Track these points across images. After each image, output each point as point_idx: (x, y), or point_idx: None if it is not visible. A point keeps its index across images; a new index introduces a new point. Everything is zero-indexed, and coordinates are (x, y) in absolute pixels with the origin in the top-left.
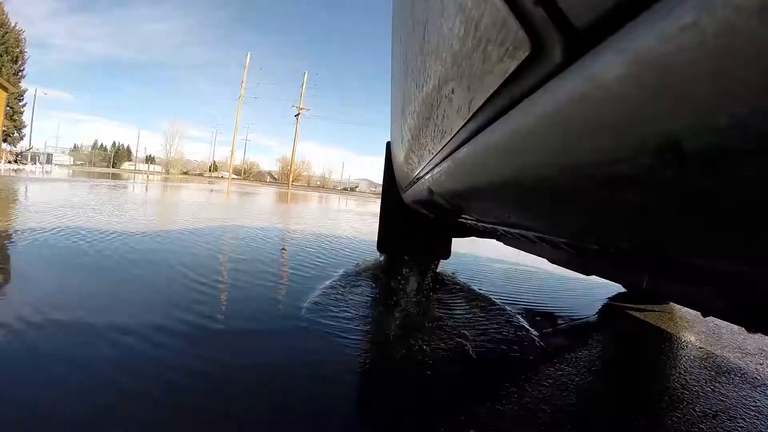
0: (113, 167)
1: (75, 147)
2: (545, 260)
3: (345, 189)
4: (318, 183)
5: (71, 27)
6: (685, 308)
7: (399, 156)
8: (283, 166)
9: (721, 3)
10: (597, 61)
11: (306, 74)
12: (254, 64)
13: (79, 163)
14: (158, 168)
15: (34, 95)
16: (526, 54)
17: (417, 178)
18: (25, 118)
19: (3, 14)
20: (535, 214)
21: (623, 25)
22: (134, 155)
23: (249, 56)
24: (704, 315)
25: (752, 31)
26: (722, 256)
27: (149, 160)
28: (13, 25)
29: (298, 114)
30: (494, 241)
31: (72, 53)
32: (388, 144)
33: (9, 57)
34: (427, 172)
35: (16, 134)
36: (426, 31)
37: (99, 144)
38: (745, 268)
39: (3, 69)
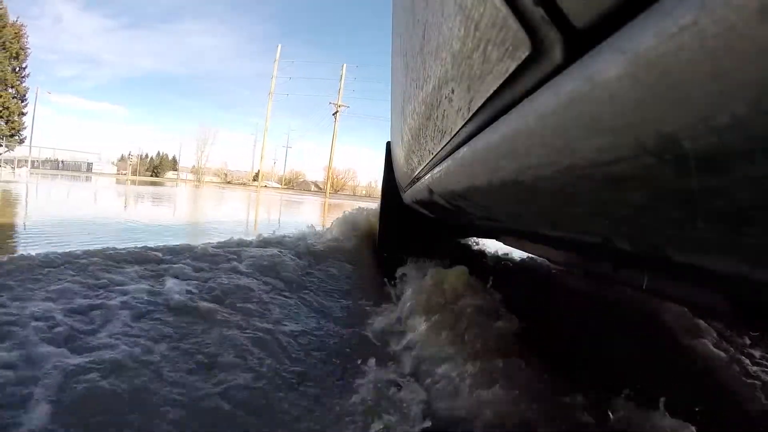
0: (156, 176)
1: (122, 157)
2: None
3: None
4: (364, 192)
5: (121, 43)
6: None
7: (399, 156)
8: (328, 177)
9: (721, 3)
10: (597, 61)
11: (344, 67)
12: (295, 63)
13: (123, 172)
14: (191, 176)
15: (36, 96)
16: (526, 54)
17: (417, 178)
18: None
19: (0, 7)
20: (534, 214)
21: (623, 25)
22: (178, 164)
23: (279, 48)
24: (704, 315)
25: (752, 31)
26: (722, 256)
27: (194, 170)
28: (13, 20)
29: (336, 112)
30: None
31: (123, 68)
32: (388, 144)
33: (7, 53)
34: (427, 172)
35: (16, 137)
36: (426, 30)
37: (144, 154)
38: (745, 268)
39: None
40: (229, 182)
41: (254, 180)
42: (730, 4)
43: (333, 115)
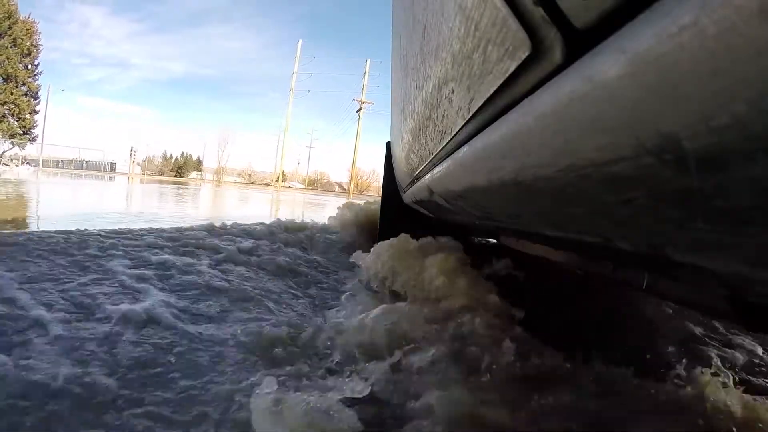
0: (180, 176)
1: (146, 158)
2: None
3: None
4: None
5: (149, 47)
6: None
7: (399, 156)
8: (351, 177)
9: (721, 3)
10: (597, 61)
11: (368, 63)
12: (317, 59)
13: (149, 172)
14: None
15: (48, 92)
16: (526, 54)
17: (417, 178)
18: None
19: (11, 4)
20: (534, 214)
21: (623, 25)
22: (202, 165)
23: (300, 44)
24: (704, 315)
25: (752, 31)
26: (722, 256)
27: (217, 170)
28: (24, 16)
29: (360, 109)
30: None
31: (150, 71)
32: (388, 144)
33: (18, 50)
34: (427, 172)
35: (27, 135)
36: (426, 30)
37: (168, 154)
38: (745, 268)
39: (9, 62)
40: (252, 183)
41: (278, 181)
42: (730, 4)
43: (357, 112)
